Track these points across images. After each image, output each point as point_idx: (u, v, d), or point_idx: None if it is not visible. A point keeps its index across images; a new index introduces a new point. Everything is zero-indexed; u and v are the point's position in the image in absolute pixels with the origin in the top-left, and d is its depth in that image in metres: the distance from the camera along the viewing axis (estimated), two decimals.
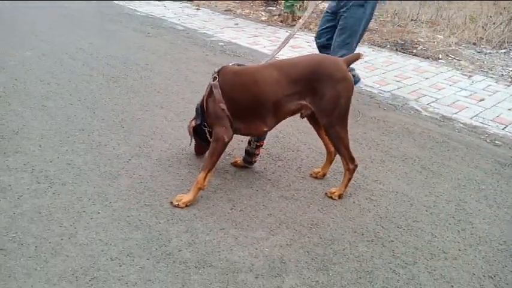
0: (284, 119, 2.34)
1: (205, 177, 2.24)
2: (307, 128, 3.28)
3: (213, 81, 2.24)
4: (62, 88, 3.61)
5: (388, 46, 6.11)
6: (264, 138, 2.58)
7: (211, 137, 2.34)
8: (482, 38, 6.56)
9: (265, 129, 2.30)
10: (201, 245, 1.98)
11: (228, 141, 2.25)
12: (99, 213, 2.12)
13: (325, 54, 2.36)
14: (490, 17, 7.15)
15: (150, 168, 2.54)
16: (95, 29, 5.75)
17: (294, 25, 6.89)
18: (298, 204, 2.35)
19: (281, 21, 7.12)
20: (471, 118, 3.77)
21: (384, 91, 4.29)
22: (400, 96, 4.17)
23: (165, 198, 2.28)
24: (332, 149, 2.53)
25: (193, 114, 2.50)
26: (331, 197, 2.41)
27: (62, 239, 1.92)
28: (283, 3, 7.38)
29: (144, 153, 2.70)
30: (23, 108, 3.16)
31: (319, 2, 3.33)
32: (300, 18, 6.91)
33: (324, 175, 2.62)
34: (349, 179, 2.41)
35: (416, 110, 3.88)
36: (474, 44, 6.43)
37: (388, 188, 2.58)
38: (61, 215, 2.08)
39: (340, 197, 2.42)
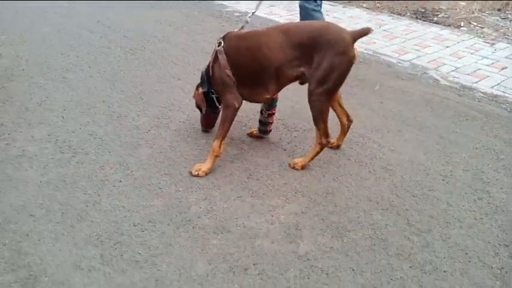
0: (285, 85, 2.34)
1: (220, 145, 2.30)
2: None
3: (218, 46, 2.25)
4: (82, 60, 3.67)
5: (408, 14, 5.93)
6: (275, 106, 2.57)
7: (219, 104, 2.38)
8: (508, 4, 6.30)
9: (267, 96, 2.32)
10: (219, 212, 2.05)
11: (239, 107, 2.29)
12: (121, 181, 2.20)
13: (330, 23, 2.28)
14: None
15: (169, 138, 2.60)
16: (112, 3, 5.74)
17: None
18: (313, 173, 2.38)
19: None
20: (492, 87, 3.69)
21: (403, 60, 4.21)
22: (419, 66, 4.09)
23: (184, 168, 2.35)
24: (345, 120, 2.52)
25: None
26: (294, 167, 2.38)
27: (86, 206, 2.02)
28: None
29: (163, 124, 2.76)
30: (45, 81, 3.24)
31: None
32: None
33: (339, 146, 2.62)
34: (317, 153, 2.37)
35: (436, 79, 3.81)
36: (499, 10, 6.18)
37: (404, 157, 2.58)
38: (85, 183, 2.17)
39: (303, 167, 2.38)
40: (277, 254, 1.82)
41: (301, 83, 2.31)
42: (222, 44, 2.25)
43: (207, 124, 2.69)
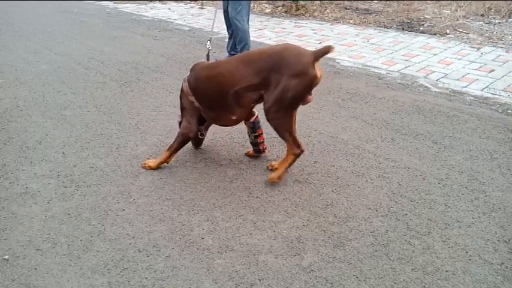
0: (249, 107, 2.40)
1: (169, 156, 2.56)
2: (316, 114, 3.35)
3: (185, 76, 2.51)
4: (78, 97, 3.76)
5: (394, 26, 6.09)
6: (258, 128, 2.62)
7: (199, 131, 2.59)
8: (491, 9, 6.47)
9: (233, 118, 2.42)
10: (222, 231, 2.08)
11: (192, 137, 2.54)
12: (124, 210, 2.24)
13: (290, 45, 2.33)
14: None
15: (168, 164, 2.65)
16: (104, 38, 5.90)
17: (298, 15, 6.93)
18: (312, 187, 2.43)
19: (285, 12, 7.15)
20: (482, 90, 3.77)
21: (392, 71, 4.31)
22: (409, 75, 4.18)
23: (184, 192, 2.39)
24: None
25: None
26: (272, 182, 2.40)
27: (91, 236, 2.05)
28: None
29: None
30: (43, 119, 3.32)
31: None
32: (304, 6, 6.91)
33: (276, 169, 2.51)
34: (291, 163, 2.36)
35: (426, 87, 3.90)
36: (482, 15, 6.34)
37: (400, 164, 2.63)
38: (89, 214, 2.21)
39: (280, 178, 2.38)
40: (281, 268, 1.85)
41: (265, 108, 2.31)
42: (188, 74, 2.50)
43: (194, 145, 2.83)
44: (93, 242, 2.01)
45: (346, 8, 7.25)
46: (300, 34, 5.82)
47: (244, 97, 2.29)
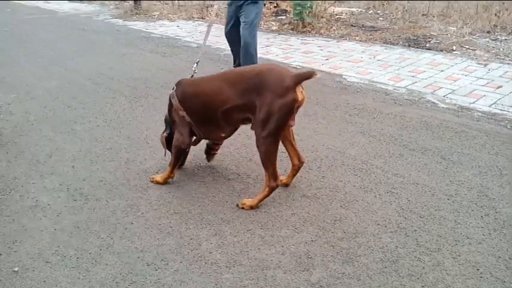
0: (237, 126, 2.44)
1: (171, 171, 2.58)
2: (324, 129, 3.37)
3: (171, 91, 2.51)
4: (88, 112, 3.81)
5: (401, 43, 6.14)
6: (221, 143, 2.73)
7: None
8: (497, 26, 6.51)
9: (222, 135, 2.47)
10: (230, 246, 2.08)
11: (185, 148, 2.53)
12: (132, 223, 2.25)
13: (272, 66, 2.36)
14: (503, 3, 7.08)
15: (176, 178, 2.67)
16: (113, 54, 6.00)
17: (304, 32, 7.01)
18: (320, 202, 2.42)
19: (292, 29, 7.23)
20: (490, 106, 3.77)
21: (399, 87, 4.33)
22: (416, 91, 4.20)
23: (192, 206, 2.40)
24: (296, 161, 2.50)
25: None
26: (242, 208, 2.35)
27: (100, 249, 2.06)
28: (292, 12, 7.51)
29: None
30: (54, 133, 3.36)
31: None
32: (310, 24, 7.01)
33: (287, 185, 2.56)
34: (266, 196, 2.35)
35: (433, 102, 3.90)
36: (488, 32, 6.38)
37: (409, 180, 2.62)
38: (98, 227, 2.22)
39: (251, 208, 2.34)
40: (290, 284, 1.84)
41: (251, 127, 2.32)
42: (174, 89, 2.50)
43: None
44: (102, 255, 2.02)
45: (352, 25, 7.32)
46: (307, 51, 5.88)
47: (232, 116, 2.33)
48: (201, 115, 2.41)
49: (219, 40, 6.81)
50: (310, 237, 2.13)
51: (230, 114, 2.31)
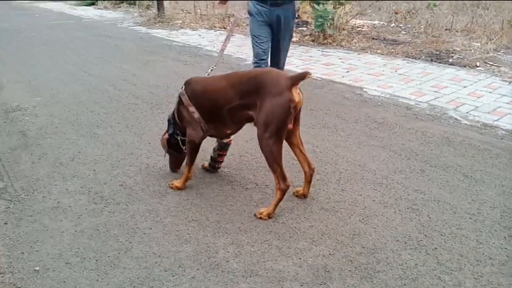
0: (241, 125, 2.51)
1: (189, 170, 2.61)
2: (343, 141, 3.35)
3: (181, 89, 2.57)
4: (110, 117, 3.88)
5: (423, 57, 6.08)
6: (226, 149, 2.79)
7: (183, 145, 2.66)
8: None
9: (228, 132, 2.55)
10: (247, 255, 2.07)
11: (199, 142, 2.55)
12: (151, 228, 2.27)
13: (270, 69, 2.48)
14: None
15: (195, 186, 2.69)
16: (136, 61, 6.12)
17: (325, 43, 7.02)
18: (339, 215, 2.40)
19: (312, 41, 7.25)
20: None
21: (421, 102, 4.28)
22: (438, 106, 4.14)
23: (210, 213, 2.41)
24: (306, 168, 2.50)
25: (234, 136, 2.64)
26: (260, 218, 2.35)
27: (119, 253, 2.08)
28: (313, 23, 7.54)
29: None
30: (77, 137, 3.43)
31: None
32: (331, 36, 7.01)
33: (305, 196, 2.56)
34: (279, 200, 2.34)
35: (456, 119, 3.85)
36: None
37: (430, 197, 2.58)
38: (117, 231, 2.25)
39: (269, 216, 2.35)
40: None
41: (255, 125, 2.37)
42: (184, 88, 2.57)
43: (174, 165, 2.87)
44: (120, 259, 2.04)
45: (373, 38, 7.30)
46: (327, 62, 5.88)
47: (237, 115, 2.41)
48: (209, 112, 2.49)
49: (239, 50, 6.88)
50: (328, 250, 2.11)
51: (235, 112, 2.40)
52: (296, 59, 6.12)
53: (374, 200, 2.54)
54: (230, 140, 2.74)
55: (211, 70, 2.74)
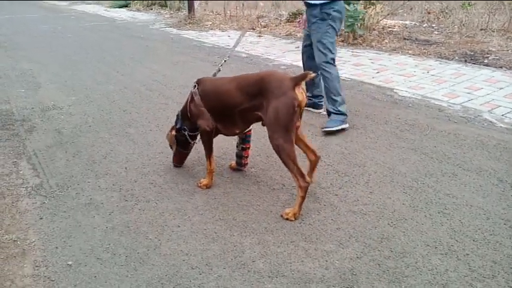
0: (250, 124, 2.62)
1: (210, 163, 2.66)
2: (373, 143, 3.30)
3: (193, 89, 2.65)
4: (142, 116, 3.97)
5: (456, 58, 5.91)
6: (248, 141, 2.82)
7: (191, 139, 2.79)
8: None
9: (237, 131, 2.64)
10: (273, 256, 2.08)
11: (211, 130, 2.60)
12: (179, 226, 2.31)
13: (273, 71, 2.60)
14: None
15: (223, 185, 2.71)
16: (167, 62, 6.23)
17: (355, 44, 6.93)
18: (367, 218, 2.37)
19: (342, 41, 7.17)
20: None
21: (454, 104, 4.16)
22: (472, 108, 4.02)
23: (237, 213, 2.43)
24: (312, 156, 2.60)
25: (261, 136, 2.65)
26: (287, 219, 2.35)
27: (148, 250, 2.13)
28: (343, 23, 7.45)
29: (216, 172, 2.88)
30: (109, 136, 3.53)
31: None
32: (361, 36, 6.93)
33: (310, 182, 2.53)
34: (303, 197, 2.34)
35: (490, 121, 3.72)
36: None
37: (462, 201, 2.51)
38: (146, 228, 2.30)
39: (295, 217, 2.35)
40: None
41: (263, 125, 2.47)
42: (197, 87, 2.65)
43: (178, 161, 2.94)
44: (149, 256, 2.08)
45: (405, 39, 7.15)
46: (357, 63, 5.81)
47: (247, 116, 2.50)
48: (219, 111, 2.57)
49: (268, 50, 6.89)
50: (355, 253, 2.08)
51: (245, 113, 2.49)
52: None
53: (404, 204, 2.49)
54: (249, 131, 2.78)
55: (224, 61, 2.87)
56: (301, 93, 2.32)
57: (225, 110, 2.53)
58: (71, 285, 1.91)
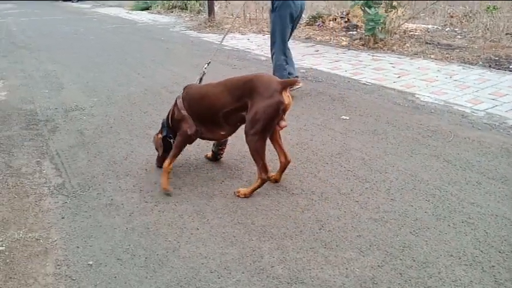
0: (236, 126, 2.70)
1: (170, 163, 2.72)
2: (394, 149, 3.25)
3: (180, 94, 2.81)
4: (162, 118, 3.98)
5: (480, 63, 5.78)
6: (225, 145, 3.03)
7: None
8: None
9: (223, 133, 2.75)
10: (292, 262, 2.06)
11: (191, 134, 2.71)
12: (198, 229, 2.32)
13: (262, 73, 2.70)
14: None
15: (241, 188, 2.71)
16: (187, 64, 6.28)
17: (376, 48, 6.86)
18: (389, 226, 2.33)
19: (362, 45, 7.11)
20: None
21: (478, 110, 4.06)
22: (497, 115, 3.92)
23: (256, 217, 2.42)
24: (282, 159, 2.71)
25: (295, 136, 2.64)
26: (238, 195, 2.60)
27: (167, 252, 2.13)
28: (363, 27, 7.39)
29: (235, 176, 2.89)
30: (130, 137, 3.57)
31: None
32: (382, 40, 6.84)
33: (277, 181, 2.78)
34: (258, 186, 2.60)
35: None
36: None
37: (487, 210, 2.44)
38: (166, 230, 2.31)
39: (245, 195, 2.59)
40: None
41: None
42: (182, 92, 2.80)
43: (161, 163, 2.90)
44: (168, 258, 2.09)
45: (427, 43, 7.04)
46: (378, 67, 5.74)
47: (232, 117, 2.61)
48: (204, 116, 2.69)
49: None
50: (376, 261, 2.05)
51: (230, 115, 2.60)
52: (345, 64, 6.03)
53: (426, 212, 2.44)
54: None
55: (207, 65, 3.04)
56: (287, 97, 2.45)
57: (211, 113, 2.64)
58: (92, 284, 1.93)
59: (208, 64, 3.05)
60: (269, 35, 4.86)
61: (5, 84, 5.28)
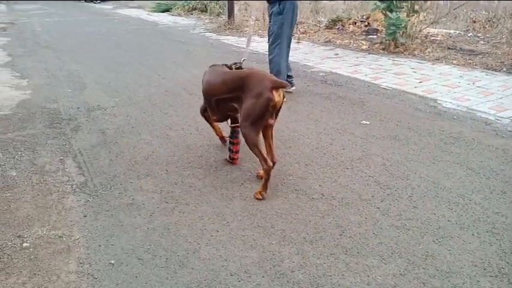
0: (227, 114, 2.93)
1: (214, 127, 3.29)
2: (416, 155, 3.20)
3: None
4: (182, 120, 4.03)
5: (504, 69, 5.66)
6: (236, 136, 3.03)
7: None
8: None
9: (214, 118, 3.05)
10: (312, 267, 2.04)
11: (201, 107, 3.20)
12: (218, 231, 2.32)
13: (258, 71, 2.80)
14: None
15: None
16: (206, 67, 6.23)
17: (396, 52, 6.78)
18: (411, 234, 2.29)
19: (383, 49, 7.04)
20: None
21: (502, 117, 3.98)
22: None
23: (276, 221, 2.41)
24: (269, 158, 2.72)
25: (299, 143, 2.63)
26: (257, 198, 2.64)
27: (187, 253, 2.14)
28: (384, 31, 7.32)
29: (255, 178, 2.89)
30: (151, 137, 3.61)
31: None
32: (403, 44, 6.77)
33: (261, 178, 2.77)
34: (266, 178, 2.63)
35: None
36: None
37: None
38: (186, 231, 2.32)
39: (261, 194, 2.64)
40: None
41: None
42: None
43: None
44: (188, 259, 2.10)
45: (449, 48, 6.94)
46: (398, 72, 5.68)
47: (222, 105, 2.85)
48: (204, 95, 3.00)
49: (306, 57, 6.86)
50: (398, 270, 2.02)
51: (220, 103, 2.85)
52: (365, 68, 5.98)
53: (449, 220, 2.40)
54: (237, 127, 2.91)
55: (243, 60, 3.09)
56: (278, 95, 2.57)
57: (207, 94, 2.94)
58: (113, 284, 1.95)
59: (243, 61, 3.11)
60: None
61: (30, 83, 5.40)
